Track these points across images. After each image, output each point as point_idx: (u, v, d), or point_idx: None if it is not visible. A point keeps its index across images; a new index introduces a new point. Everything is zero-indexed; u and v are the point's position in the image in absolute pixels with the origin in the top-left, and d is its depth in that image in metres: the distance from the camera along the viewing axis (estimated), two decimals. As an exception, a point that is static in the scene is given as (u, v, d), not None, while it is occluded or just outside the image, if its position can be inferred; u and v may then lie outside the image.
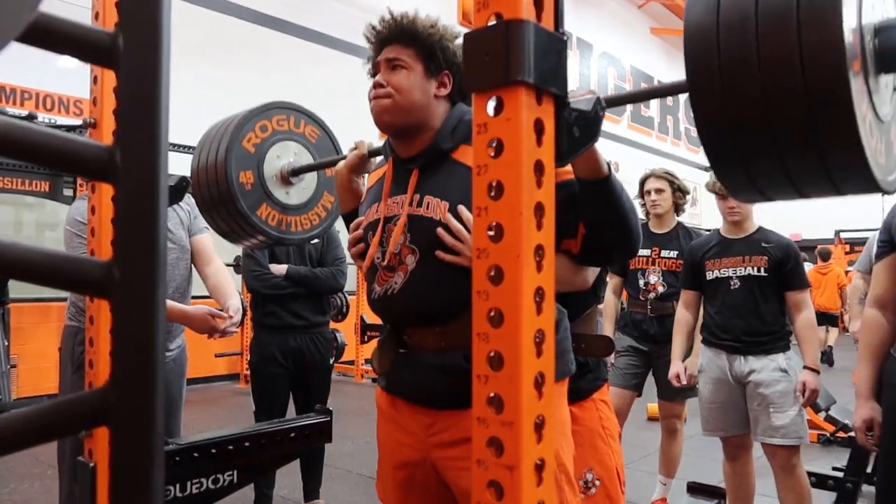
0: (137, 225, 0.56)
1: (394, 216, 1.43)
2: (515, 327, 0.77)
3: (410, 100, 1.40)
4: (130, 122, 0.57)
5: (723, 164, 0.91)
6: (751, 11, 0.82)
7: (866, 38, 0.84)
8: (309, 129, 2.08)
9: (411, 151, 1.45)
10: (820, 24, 0.78)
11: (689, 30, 0.88)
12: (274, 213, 1.95)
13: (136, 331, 0.55)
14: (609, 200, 1.30)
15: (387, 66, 1.43)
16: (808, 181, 0.89)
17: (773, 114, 0.82)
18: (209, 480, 1.64)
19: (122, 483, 0.54)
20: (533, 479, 0.77)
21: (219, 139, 1.91)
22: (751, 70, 0.82)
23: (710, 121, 0.87)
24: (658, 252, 3.31)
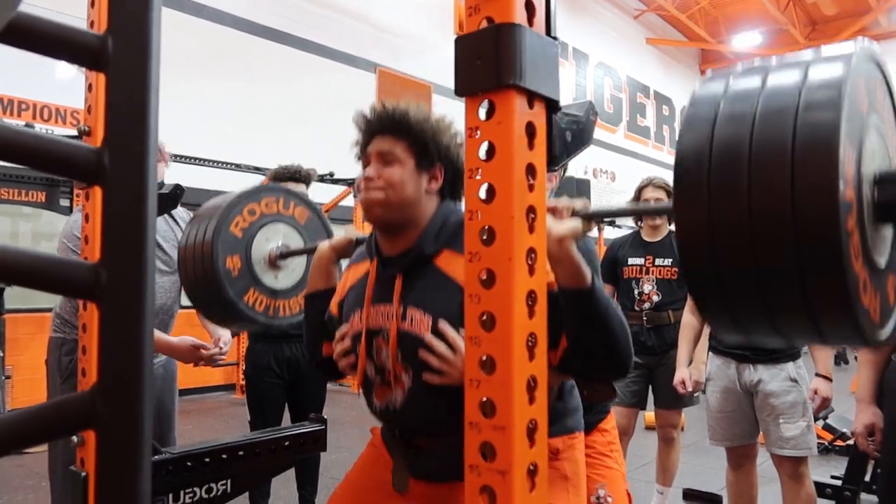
0: (125, 228, 0.56)
1: (379, 329, 1.40)
2: (507, 330, 0.76)
3: (403, 195, 1.37)
4: (119, 126, 0.57)
5: (707, 302, 0.86)
6: (744, 158, 0.78)
7: (865, 187, 0.80)
8: (298, 211, 2.02)
9: (396, 249, 1.42)
10: (814, 185, 0.73)
11: (679, 165, 0.83)
12: (262, 298, 1.90)
13: (124, 333, 0.55)
14: (593, 314, 1.19)
15: (379, 160, 1.39)
16: (796, 334, 0.85)
17: (761, 265, 0.77)
18: (202, 490, 1.62)
19: (108, 486, 0.53)
20: (526, 485, 0.77)
21: (206, 223, 1.85)
22: (740, 218, 0.77)
23: (696, 262, 0.82)
24: (652, 260, 3.30)
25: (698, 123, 0.83)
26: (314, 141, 7.72)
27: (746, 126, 0.79)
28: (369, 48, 9.13)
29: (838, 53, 0.81)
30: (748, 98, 0.81)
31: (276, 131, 7.66)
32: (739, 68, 0.88)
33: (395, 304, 1.36)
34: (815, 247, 0.73)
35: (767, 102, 0.79)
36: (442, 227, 1.39)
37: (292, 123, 7.94)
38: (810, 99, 0.76)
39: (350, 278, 1.56)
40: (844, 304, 0.75)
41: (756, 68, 0.86)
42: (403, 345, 1.34)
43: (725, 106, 0.82)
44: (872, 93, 0.84)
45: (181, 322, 2.56)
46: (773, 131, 0.77)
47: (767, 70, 0.84)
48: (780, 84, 0.80)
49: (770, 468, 2.83)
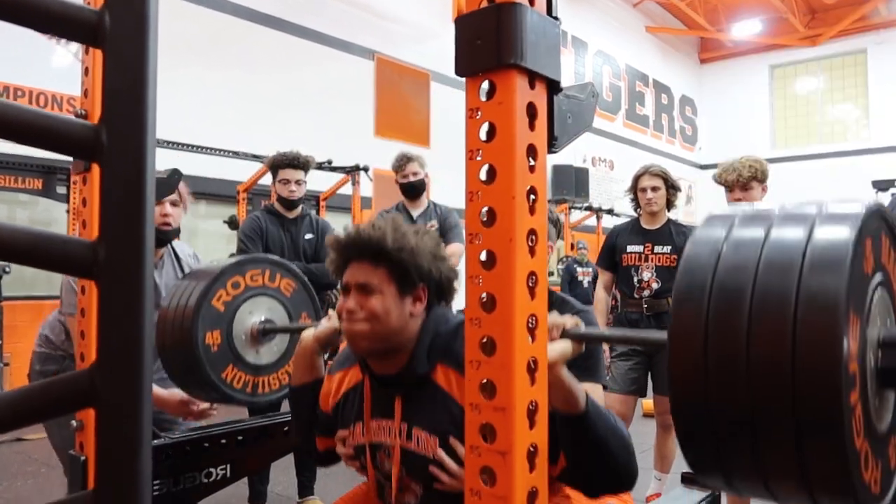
0: (124, 205, 0.55)
1: (381, 444, 1.39)
2: (508, 312, 0.76)
3: (388, 325, 1.32)
4: (117, 102, 0.56)
5: (696, 453, 0.82)
6: (744, 316, 0.75)
7: (869, 352, 0.78)
8: (284, 283, 1.97)
9: (388, 370, 1.39)
10: (816, 360, 0.71)
11: (677, 306, 0.81)
12: (241, 374, 1.84)
13: (123, 311, 0.54)
14: (589, 438, 1.14)
15: (358, 291, 1.34)
16: (787, 496, 0.80)
17: (757, 428, 0.75)
18: (202, 474, 1.63)
19: (108, 464, 0.53)
20: (525, 466, 0.77)
21: (189, 292, 1.79)
22: (737, 375, 0.75)
23: (687, 408, 0.80)
24: (651, 248, 3.30)
25: (699, 267, 0.81)
26: (312, 128, 7.70)
27: (748, 279, 0.77)
28: (367, 35, 9.08)
29: (846, 213, 0.78)
30: (751, 248, 0.79)
31: (275, 119, 7.63)
32: (742, 215, 0.85)
33: (396, 423, 1.36)
34: (815, 421, 0.71)
35: (770, 257, 0.77)
36: (433, 342, 1.36)
37: (290, 111, 7.91)
38: (815, 262, 0.74)
39: (342, 384, 1.51)
40: (844, 482, 0.72)
41: (761, 217, 0.83)
42: (411, 463, 1.34)
43: (727, 253, 0.80)
44: (878, 249, 0.82)
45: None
46: (775, 294, 0.74)
47: (772, 222, 0.81)
48: (784, 240, 0.78)
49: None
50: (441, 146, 9.13)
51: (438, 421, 1.31)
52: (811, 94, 15.70)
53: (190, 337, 1.72)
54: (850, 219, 0.77)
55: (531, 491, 0.78)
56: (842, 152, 14.56)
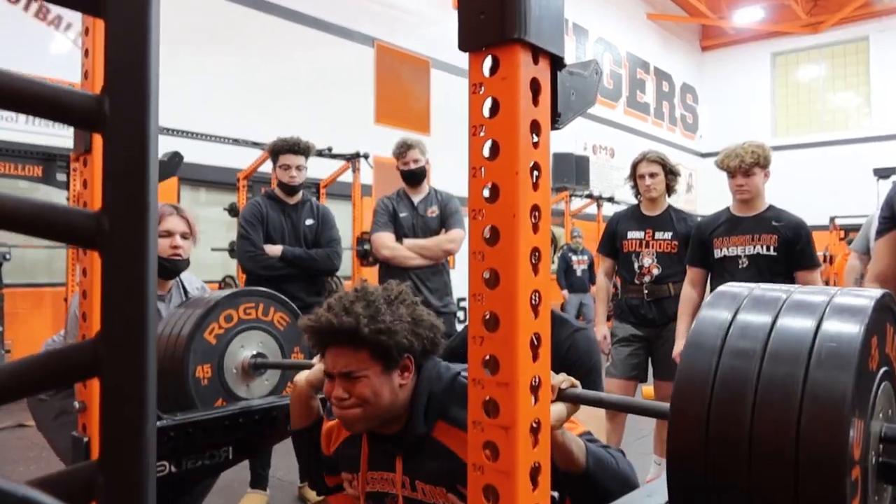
0: (127, 175, 0.55)
1: (386, 494, 1.40)
2: (511, 287, 0.76)
3: (379, 406, 1.31)
4: (120, 71, 0.56)
5: None
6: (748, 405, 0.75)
7: (871, 448, 0.78)
8: (278, 316, 1.95)
9: (384, 431, 1.39)
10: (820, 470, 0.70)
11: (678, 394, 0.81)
12: None
13: (127, 282, 0.54)
14: (593, 488, 1.15)
15: (343, 380, 1.32)
16: None
17: (755, 500, 0.74)
18: (205, 456, 1.63)
19: (113, 434, 0.53)
20: (529, 440, 0.77)
21: (180, 327, 1.77)
22: (739, 461, 0.75)
23: (685, 474, 0.80)
24: (651, 234, 3.30)
25: (705, 348, 0.81)
26: (312, 115, 7.67)
27: (753, 367, 0.77)
28: (367, 22, 9.03)
29: (854, 305, 0.79)
30: (758, 335, 0.79)
31: (275, 106, 7.60)
32: (751, 297, 0.85)
33: (398, 476, 1.36)
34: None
35: (777, 347, 0.77)
36: (429, 403, 1.35)
37: (291, 98, 7.88)
38: (822, 357, 0.74)
39: (341, 432, 1.50)
40: None
41: (768, 302, 0.83)
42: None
43: (734, 337, 0.81)
44: (883, 343, 0.81)
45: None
46: (780, 385, 0.74)
47: (779, 308, 0.81)
48: (792, 330, 0.78)
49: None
50: (441, 133, 9.10)
51: (442, 474, 1.30)
52: (813, 82, 15.64)
53: (181, 369, 1.71)
54: (859, 314, 0.76)
55: (534, 466, 0.78)
56: (843, 140, 14.53)
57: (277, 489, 3.22)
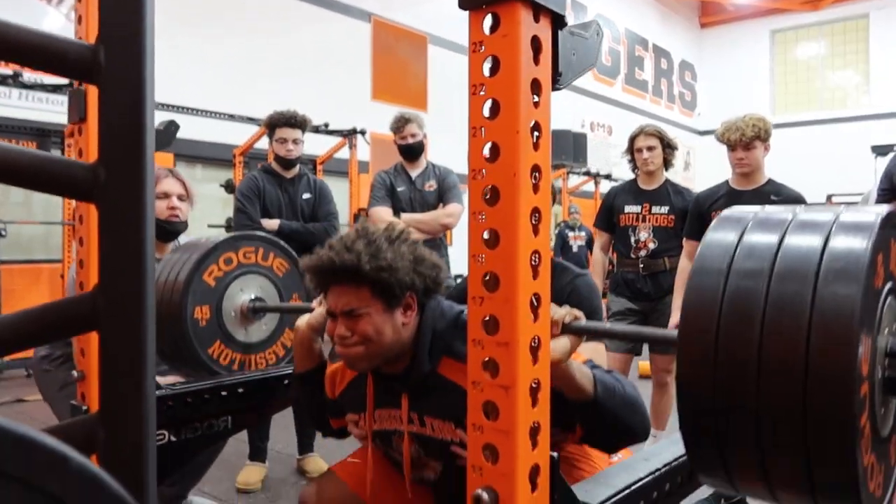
0: (123, 127, 0.55)
1: (394, 431, 1.41)
2: (512, 247, 0.76)
3: (382, 343, 1.31)
4: (114, 19, 0.55)
5: (699, 449, 0.83)
6: (756, 321, 0.76)
7: (878, 364, 0.79)
8: (277, 262, 1.94)
9: (390, 370, 1.38)
10: (830, 387, 0.71)
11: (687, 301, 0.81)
12: (229, 352, 1.81)
13: (124, 234, 0.54)
14: (601, 417, 1.17)
15: (345, 317, 1.31)
16: (791, 500, 0.81)
17: (764, 425, 0.76)
18: (203, 425, 1.64)
19: (112, 386, 0.53)
20: (528, 400, 0.77)
21: (180, 265, 1.76)
22: (748, 381, 0.76)
23: (692, 394, 0.81)
24: (648, 208, 3.29)
25: (711, 271, 0.81)
26: (309, 91, 7.60)
27: (761, 287, 0.77)
28: (364, -3, 8.93)
29: (861, 221, 0.78)
30: (765, 255, 0.79)
31: (271, 82, 7.53)
32: (755, 219, 0.85)
33: (404, 413, 1.37)
34: (826, 437, 0.71)
35: (785, 266, 0.77)
36: (433, 340, 1.35)
37: (287, 74, 7.81)
38: (830, 273, 0.74)
39: (346, 373, 1.51)
40: (853, 497, 0.73)
41: (774, 222, 0.83)
42: (427, 446, 1.36)
43: (741, 258, 0.80)
44: (888, 260, 0.81)
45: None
46: (789, 303, 0.75)
47: (786, 228, 0.81)
48: (799, 248, 0.78)
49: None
50: (439, 109, 9.03)
51: (450, 407, 1.30)
52: (812, 60, 15.54)
53: (179, 309, 1.69)
54: (866, 230, 0.76)
55: (533, 426, 0.78)
56: (842, 118, 14.46)
57: (276, 462, 3.24)
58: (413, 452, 1.39)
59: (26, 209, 6.30)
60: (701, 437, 0.81)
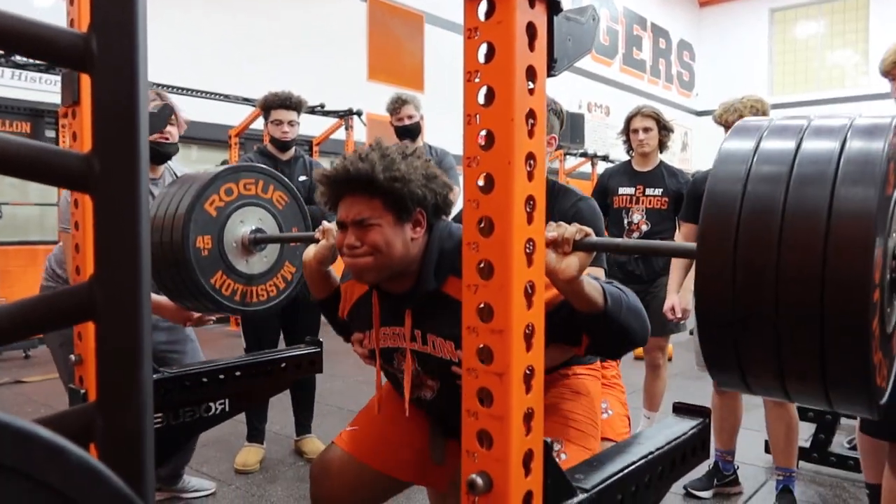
0: (116, 115, 0.54)
1: (397, 348, 1.43)
2: (506, 235, 0.76)
3: (391, 256, 1.32)
4: (106, 7, 0.55)
5: (715, 350, 0.86)
6: (777, 217, 0.77)
7: (888, 262, 0.81)
8: (277, 195, 1.95)
9: (396, 289, 1.40)
10: (849, 255, 0.73)
11: (707, 211, 0.83)
12: (230, 282, 1.82)
13: (119, 224, 0.54)
14: (610, 326, 1.20)
15: (356, 226, 1.32)
16: (803, 396, 0.85)
17: (781, 327, 0.78)
18: (201, 408, 1.65)
19: (109, 377, 0.54)
20: (521, 387, 0.78)
21: (179, 199, 1.76)
22: (766, 278, 0.77)
23: (712, 304, 0.82)
24: (642, 190, 3.29)
25: (729, 178, 0.82)
26: (304, 72, 7.55)
27: (780, 191, 0.78)
28: (360, -25, 8.84)
29: (877, 124, 0.79)
30: (782, 160, 0.80)
31: (266, 62, 7.47)
32: (770, 127, 0.86)
33: (407, 330, 1.38)
34: (841, 332, 0.74)
35: (803, 170, 0.78)
36: (439, 259, 1.36)
37: (282, 54, 7.75)
38: (847, 181, 0.75)
39: (353, 293, 1.55)
40: (864, 386, 0.77)
41: (790, 129, 0.84)
42: (428, 363, 1.38)
43: (759, 162, 0.81)
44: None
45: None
46: (808, 205, 0.76)
47: (802, 134, 0.82)
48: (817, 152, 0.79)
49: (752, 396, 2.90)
50: (435, 90, 8.99)
51: (453, 326, 1.31)
52: (811, 39, 15.46)
53: (181, 238, 1.71)
54: (882, 133, 0.78)
55: (527, 412, 0.79)
56: (840, 98, 14.43)
57: (274, 443, 3.27)
58: (412, 371, 1.42)
59: (21, 191, 6.28)
60: (718, 343, 0.84)
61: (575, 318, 1.20)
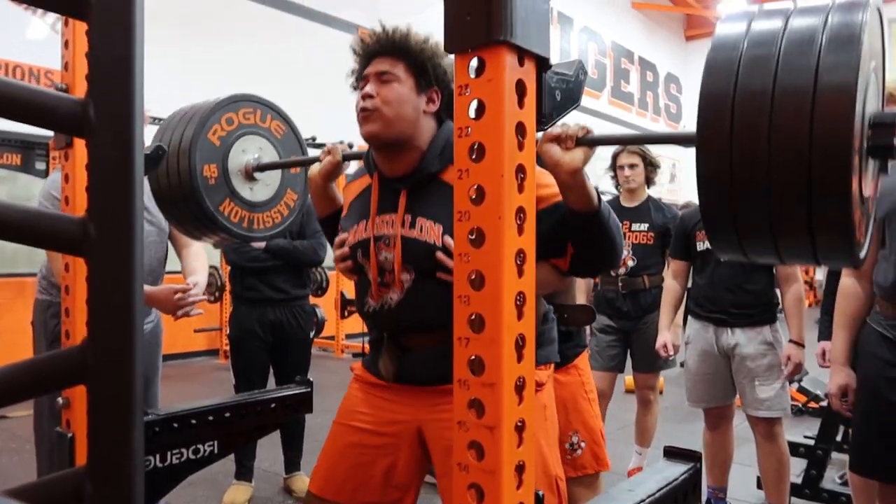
0: (113, 181, 0.55)
1: (383, 235, 1.44)
2: (496, 289, 0.77)
3: (400, 113, 1.39)
4: (104, 76, 0.56)
5: (716, 223, 0.96)
6: (767, 91, 0.86)
7: (864, 129, 0.90)
8: (275, 125, 2.01)
9: (397, 170, 1.45)
10: (832, 123, 0.82)
11: (705, 91, 0.91)
12: (237, 209, 1.88)
13: (113, 288, 0.54)
14: (599, 230, 1.29)
15: (376, 79, 1.41)
16: (794, 255, 0.95)
17: (774, 192, 0.87)
18: (189, 450, 1.63)
19: (100, 441, 0.53)
20: (514, 440, 0.78)
21: (182, 129, 1.81)
22: (759, 147, 0.86)
23: (712, 181, 0.92)
24: (629, 226, 3.32)
25: (722, 63, 0.90)
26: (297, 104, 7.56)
27: (770, 67, 0.86)
28: (351, 9, 8.96)
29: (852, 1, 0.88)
30: (774, 30, 0.89)
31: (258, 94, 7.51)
32: (759, 10, 0.95)
33: (399, 213, 1.41)
34: (828, 180, 0.83)
35: (792, 38, 0.87)
36: (446, 146, 1.42)
37: (274, 86, 7.75)
38: (831, 47, 0.84)
39: (351, 193, 1.60)
40: (845, 229, 0.86)
41: (777, 11, 0.93)
42: (412, 250, 1.39)
43: (753, 36, 0.90)
44: (871, 39, 0.90)
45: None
46: (795, 73, 0.85)
47: (788, 15, 0.91)
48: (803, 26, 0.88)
49: (746, 429, 2.90)
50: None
51: (445, 212, 1.36)
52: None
53: (189, 167, 1.75)
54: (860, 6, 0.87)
55: (518, 465, 0.79)
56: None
57: (262, 480, 3.22)
58: (388, 262, 1.42)
59: (10, 222, 6.24)
60: (717, 215, 0.94)
61: (565, 225, 1.29)
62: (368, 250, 1.45)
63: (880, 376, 1.93)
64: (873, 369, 1.97)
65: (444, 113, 1.46)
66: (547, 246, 1.28)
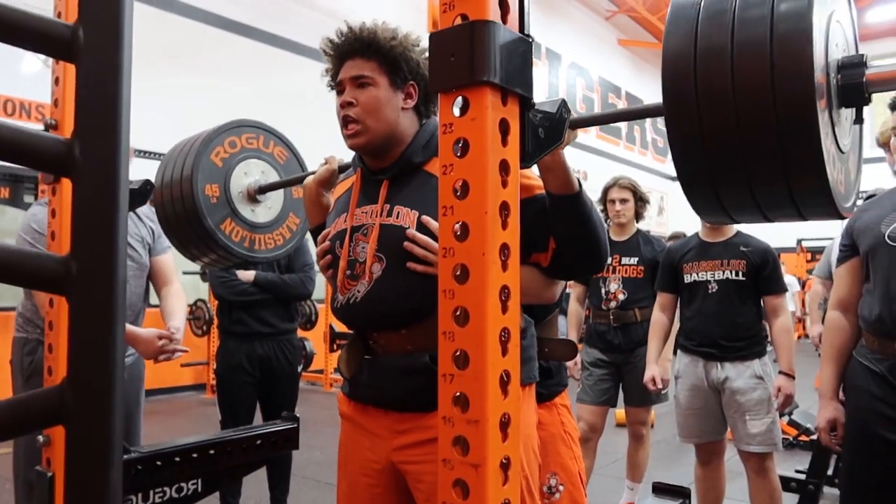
0: (96, 220, 0.55)
1: (362, 225, 1.44)
2: (481, 326, 0.77)
3: (381, 118, 1.41)
4: (90, 117, 0.56)
5: (694, 185, 0.97)
6: (726, 46, 0.88)
7: (831, 74, 0.91)
8: (278, 150, 2.06)
9: (382, 164, 1.47)
10: (792, 63, 0.84)
11: (667, 56, 0.93)
12: (238, 229, 1.90)
13: (95, 328, 0.54)
14: (580, 216, 1.30)
15: (352, 84, 1.43)
16: (774, 207, 0.96)
17: (745, 143, 0.88)
18: (172, 489, 1.60)
19: (78, 483, 0.53)
20: (499, 478, 0.78)
21: (185, 153, 1.87)
22: (726, 100, 0.88)
23: (685, 145, 0.93)
24: (618, 260, 3.34)
25: (682, 24, 0.93)
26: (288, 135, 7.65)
27: (727, 21, 0.89)
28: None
29: None
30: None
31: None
32: None
33: (380, 202, 1.42)
34: (794, 123, 0.85)
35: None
36: (430, 139, 1.44)
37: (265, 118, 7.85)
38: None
39: (338, 191, 1.62)
40: (819, 172, 0.87)
41: None
42: (385, 236, 1.39)
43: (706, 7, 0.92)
44: None
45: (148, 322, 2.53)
46: (752, 25, 0.87)
47: None
48: None
49: (737, 463, 2.88)
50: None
51: (424, 200, 1.37)
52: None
53: (191, 186, 1.78)
54: None
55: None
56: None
57: (248, 518, 3.17)
58: (362, 253, 1.41)
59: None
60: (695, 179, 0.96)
61: (545, 217, 1.30)
62: (344, 241, 1.46)
63: (868, 410, 1.94)
64: (861, 403, 1.97)
65: (423, 105, 1.48)
66: (527, 238, 1.27)
